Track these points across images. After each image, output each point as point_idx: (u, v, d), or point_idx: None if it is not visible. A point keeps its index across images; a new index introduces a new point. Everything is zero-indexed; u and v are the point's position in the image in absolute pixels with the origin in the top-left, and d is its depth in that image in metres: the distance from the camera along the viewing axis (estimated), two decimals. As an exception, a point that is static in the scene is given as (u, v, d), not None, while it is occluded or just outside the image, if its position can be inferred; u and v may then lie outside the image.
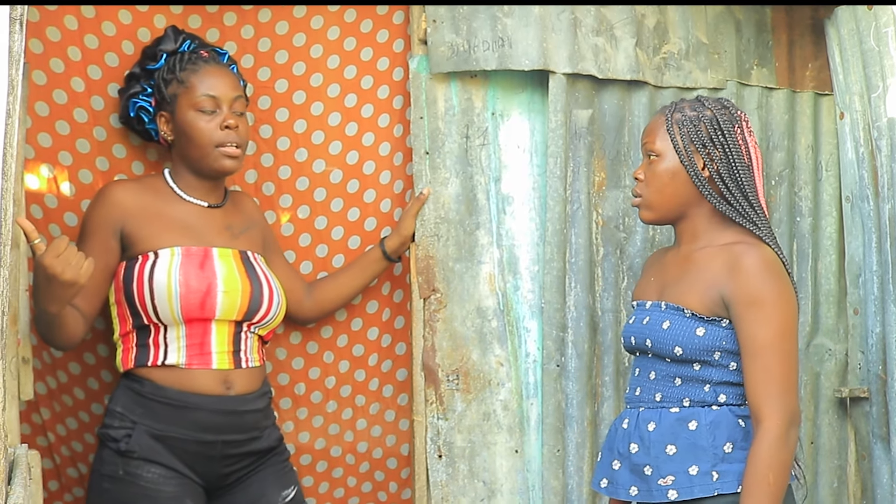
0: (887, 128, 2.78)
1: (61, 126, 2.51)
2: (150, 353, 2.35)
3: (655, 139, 2.28)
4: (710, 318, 2.17)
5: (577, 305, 2.71)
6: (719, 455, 2.15)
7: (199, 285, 2.33)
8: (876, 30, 2.79)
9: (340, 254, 2.79)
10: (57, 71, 2.50)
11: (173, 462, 2.32)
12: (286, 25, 2.72)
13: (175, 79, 2.44)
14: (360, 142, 2.78)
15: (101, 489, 2.32)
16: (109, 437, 2.32)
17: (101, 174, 2.58)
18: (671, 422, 2.19)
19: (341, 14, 2.75)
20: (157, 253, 2.34)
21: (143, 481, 2.28)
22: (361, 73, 2.76)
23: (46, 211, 2.50)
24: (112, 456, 2.30)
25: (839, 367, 2.96)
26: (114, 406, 2.35)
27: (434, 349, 2.68)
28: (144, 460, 2.29)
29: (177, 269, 2.32)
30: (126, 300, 2.35)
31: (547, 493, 2.67)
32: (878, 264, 2.82)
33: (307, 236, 2.79)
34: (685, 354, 2.17)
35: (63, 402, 2.60)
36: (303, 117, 2.75)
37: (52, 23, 2.48)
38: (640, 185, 2.31)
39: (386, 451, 2.85)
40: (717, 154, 2.24)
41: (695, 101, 2.32)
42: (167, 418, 2.32)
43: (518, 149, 2.75)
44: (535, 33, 2.67)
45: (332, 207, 2.78)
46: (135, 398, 2.33)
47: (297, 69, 2.74)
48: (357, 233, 2.80)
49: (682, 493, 2.14)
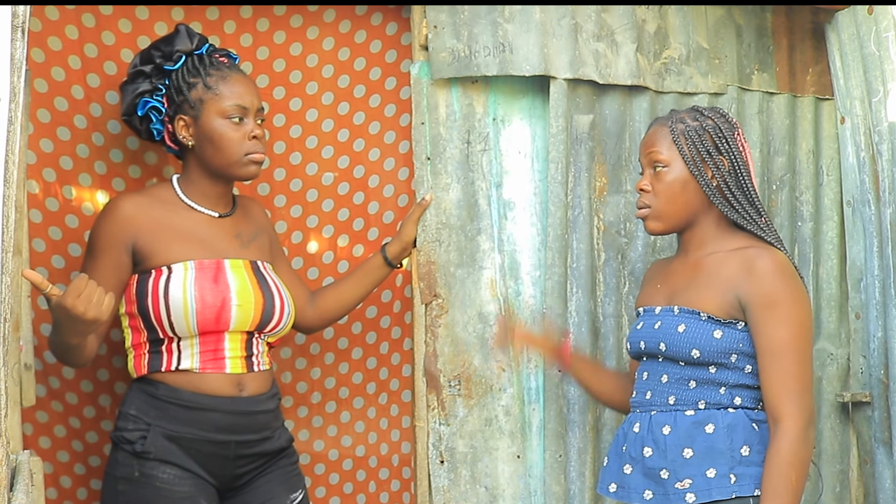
0: (888, 132, 2.78)
1: (62, 132, 2.56)
2: (163, 360, 2.35)
3: (662, 149, 2.29)
4: (727, 321, 2.18)
5: (578, 311, 2.71)
6: (736, 458, 2.16)
7: (214, 300, 2.33)
8: (876, 34, 2.79)
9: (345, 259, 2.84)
10: (58, 79, 2.55)
11: (188, 463, 2.32)
12: (283, 35, 2.77)
13: (202, 84, 2.40)
14: (352, 147, 2.83)
15: (116, 491, 2.30)
16: (124, 440, 2.31)
17: (99, 178, 2.62)
18: (687, 425, 2.20)
19: (336, 25, 2.80)
20: (171, 268, 2.33)
21: (159, 482, 2.28)
22: (354, 82, 2.81)
23: (46, 214, 2.53)
24: (127, 458, 2.30)
25: (841, 371, 2.96)
26: (127, 409, 2.34)
27: (436, 355, 2.68)
28: (159, 461, 2.29)
29: (191, 285, 2.32)
30: (140, 314, 2.33)
31: (549, 499, 2.67)
32: (879, 268, 2.82)
33: (314, 244, 2.83)
34: (702, 357, 2.18)
35: (66, 401, 2.62)
36: (298, 123, 2.80)
37: (53, 33, 2.53)
38: (646, 196, 2.31)
39: (380, 460, 2.88)
40: (723, 162, 2.27)
41: (693, 110, 2.34)
42: (182, 419, 2.32)
43: (519, 154, 2.76)
44: (536, 39, 2.67)
45: (339, 217, 2.84)
46: (149, 401, 2.33)
47: (294, 77, 2.79)
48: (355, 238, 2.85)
49: (700, 495, 2.15)
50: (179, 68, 2.43)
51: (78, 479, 2.64)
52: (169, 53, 2.43)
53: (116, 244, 2.33)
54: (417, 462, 2.71)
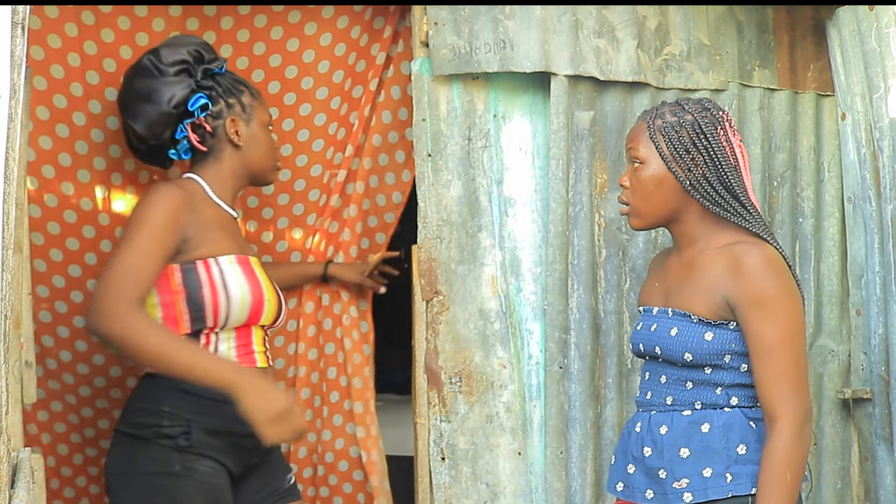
0: (889, 128, 2.77)
1: (61, 129, 2.58)
2: None
3: (639, 146, 2.26)
4: (717, 322, 2.16)
5: (579, 307, 2.71)
6: (732, 457, 2.14)
7: (256, 293, 2.39)
8: (877, 30, 2.79)
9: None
10: (57, 77, 2.57)
11: (221, 456, 2.35)
12: (280, 31, 2.81)
13: (248, 91, 2.52)
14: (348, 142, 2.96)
15: (153, 486, 2.29)
16: (163, 435, 2.30)
17: (98, 174, 2.66)
18: (684, 425, 2.19)
19: (333, 21, 2.84)
20: (218, 260, 2.36)
21: (199, 475, 2.30)
22: (347, 77, 2.89)
23: (45, 210, 2.56)
24: (167, 453, 2.29)
25: (842, 368, 2.96)
26: (158, 406, 2.32)
27: (437, 351, 2.68)
28: (200, 455, 2.31)
29: (242, 277, 2.37)
30: (189, 304, 2.33)
31: (550, 496, 2.67)
32: (880, 265, 2.82)
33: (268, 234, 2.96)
34: (695, 360, 2.17)
35: (66, 402, 2.63)
36: (291, 116, 2.87)
37: (53, 30, 2.54)
38: (626, 192, 2.29)
39: (337, 455, 2.97)
40: (700, 158, 2.21)
41: (675, 105, 2.29)
42: (218, 414, 2.31)
43: (520, 151, 2.75)
44: (537, 35, 2.67)
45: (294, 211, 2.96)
46: (184, 397, 2.31)
47: (290, 72, 2.84)
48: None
49: (697, 495, 2.14)
50: (224, 73, 2.51)
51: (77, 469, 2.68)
52: (213, 59, 2.50)
53: (176, 228, 2.31)
54: (418, 459, 2.71)
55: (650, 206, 2.25)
